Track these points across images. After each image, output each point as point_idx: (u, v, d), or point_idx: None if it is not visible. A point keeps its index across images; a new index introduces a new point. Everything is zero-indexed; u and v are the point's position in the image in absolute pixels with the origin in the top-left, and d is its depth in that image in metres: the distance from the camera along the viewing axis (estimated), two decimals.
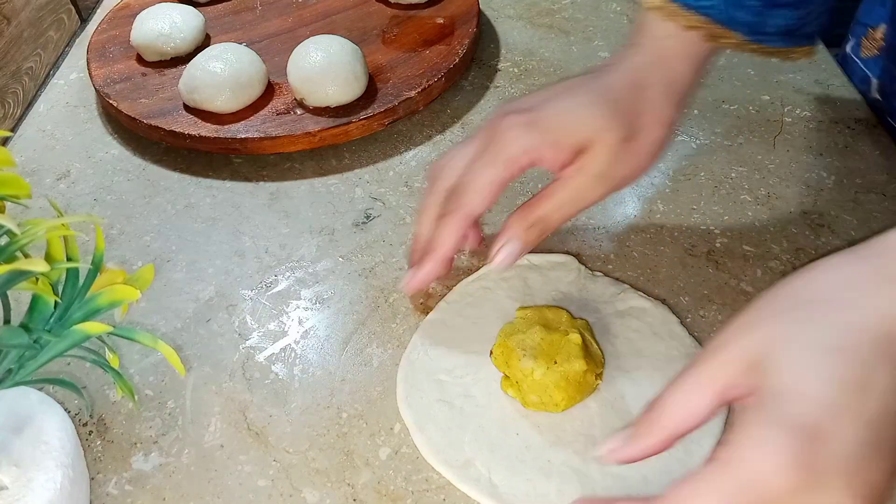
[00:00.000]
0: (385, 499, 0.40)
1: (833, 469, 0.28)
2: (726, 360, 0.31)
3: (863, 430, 0.28)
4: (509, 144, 0.41)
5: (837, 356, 0.29)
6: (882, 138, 0.59)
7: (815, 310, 0.31)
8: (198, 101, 0.61)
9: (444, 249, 0.43)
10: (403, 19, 0.72)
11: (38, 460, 0.37)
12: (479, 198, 0.42)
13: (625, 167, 0.42)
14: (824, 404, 0.29)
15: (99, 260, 0.35)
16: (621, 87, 0.43)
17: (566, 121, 0.42)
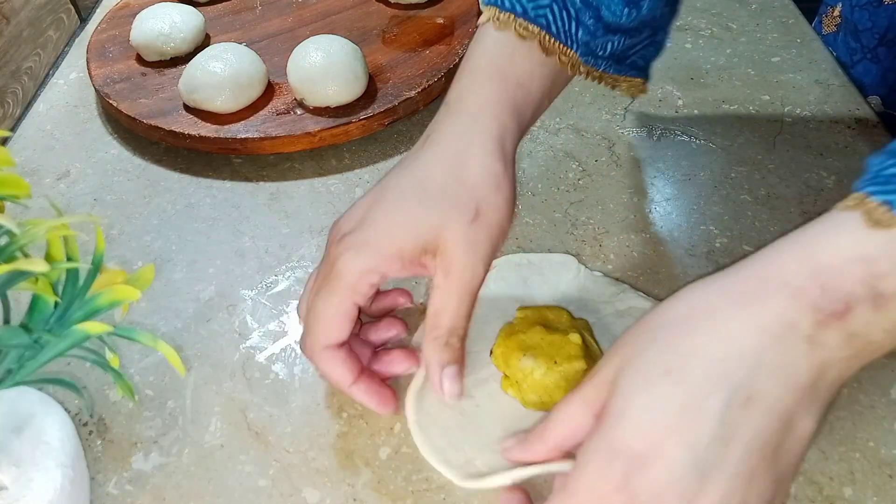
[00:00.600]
0: (385, 499, 0.40)
1: (655, 494, 0.29)
2: (598, 382, 0.33)
3: (688, 453, 0.29)
4: (345, 273, 0.39)
5: (668, 379, 0.30)
6: (882, 138, 0.59)
7: (664, 333, 0.32)
8: (198, 101, 0.61)
9: (342, 381, 0.41)
10: (403, 19, 0.72)
11: (38, 460, 0.36)
12: (330, 331, 0.40)
13: (487, 238, 0.39)
14: (649, 429, 0.29)
15: (99, 260, 0.35)
16: (442, 169, 0.40)
17: (400, 231, 0.39)
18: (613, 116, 0.63)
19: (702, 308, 0.31)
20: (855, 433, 0.41)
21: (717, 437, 0.29)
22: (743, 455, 0.29)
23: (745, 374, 0.29)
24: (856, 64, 0.66)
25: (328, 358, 0.41)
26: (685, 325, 0.31)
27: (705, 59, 0.68)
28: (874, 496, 0.39)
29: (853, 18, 0.65)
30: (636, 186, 0.57)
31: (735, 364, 0.29)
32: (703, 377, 0.29)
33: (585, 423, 0.33)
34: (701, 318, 0.31)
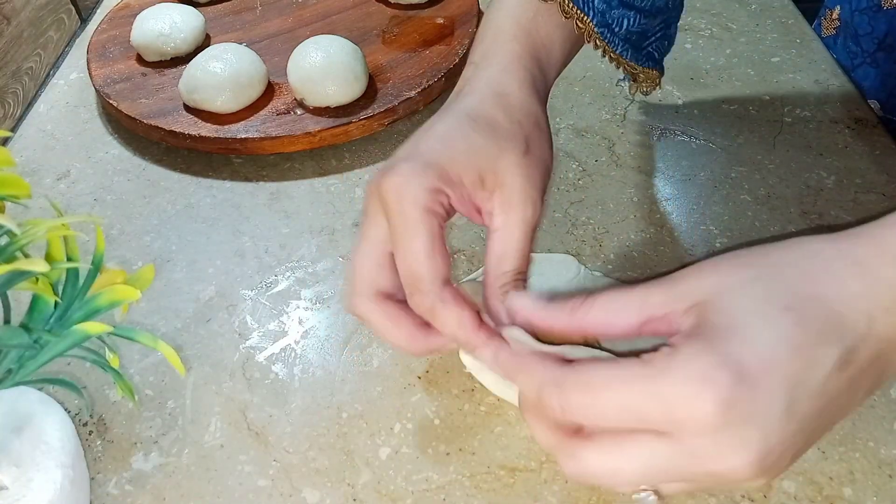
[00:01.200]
0: (385, 499, 0.40)
1: (748, 420, 0.28)
2: (668, 294, 0.31)
3: (788, 394, 0.28)
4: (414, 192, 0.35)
5: (792, 316, 0.29)
6: (882, 138, 0.59)
7: (780, 271, 0.30)
8: (198, 101, 0.61)
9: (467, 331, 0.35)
10: (403, 19, 0.72)
11: (38, 460, 0.37)
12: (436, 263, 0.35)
13: (539, 174, 0.38)
14: (767, 356, 0.28)
15: (99, 260, 0.35)
16: (489, 105, 0.39)
17: (459, 154, 0.37)
18: (613, 116, 0.63)
19: (819, 262, 0.30)
20: (855, 433, 0.41)
21: (814, 389, 0.28)
22: (818, 414, 0.29)
23: (854, 338, 0.29)
24: (855, 68, 0.66)
25: (446, 301, 0.35)
26: (804, 271, 0.30)
27: (705, 59, 0.68)
28: (874, 496, 0.39)
29: (853, 23, 0.65)
30: (636, 186, 0.57)
31: (850, 324, 0.29)
32: (822, 327, 0.29)
33: (627, 321, 0.31)
34: (818, 270, 0.30)
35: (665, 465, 0.28)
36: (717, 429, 0.27)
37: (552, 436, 0.31)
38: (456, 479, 0.41)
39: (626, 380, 0.28)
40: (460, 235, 0.54)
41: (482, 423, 0.43)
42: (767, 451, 0.28)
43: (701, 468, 0.28)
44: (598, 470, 0.29)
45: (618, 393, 0.28)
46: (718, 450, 0.28)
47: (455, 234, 0.54)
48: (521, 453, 0.41)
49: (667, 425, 0.28)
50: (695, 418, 0.27)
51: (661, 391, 0.28)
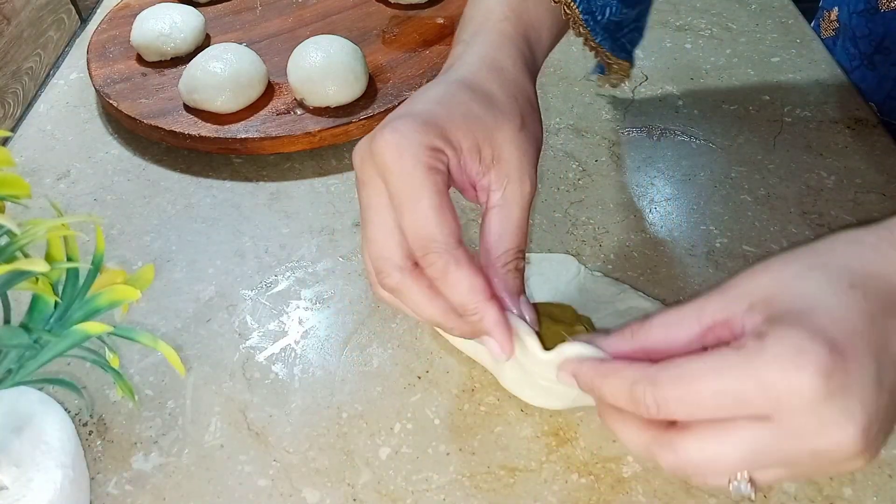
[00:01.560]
0: (385, 499, 0.40)
1: (847, 390, 0.27)
2: (725, 298, 0.31)
3: (875, 363, 0.28)
4: (414, 150, 0.33)
5: (858, 292, 0.29)
6: (882, 138, 0.59)
7: (829, 259, 0.30)
8: (198, 101, 0.61)
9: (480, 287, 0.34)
10: (403, 19, 0.72)
11: (38, 460, 0.37)
12: (445, 225, 0.33)
13: (533, 149, 0.38)
14: (849, 328, 0.28)
15: (99, 260, 0.35)
16: (486, 76, 0.38)
17: (457, 118, 0.35)
18: (613, 116, 0.63)
19: (865, 246, 0.31)
20: None
21: (892, 358, 0.28)
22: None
23: None
24: (853, 70, 0.66)
25: (458, 262, 0.33)
26: (855, 256, 0.30)
27: (705, 59, 0.68)
28: (874, 496, 0.39)
29: (851, 24, 0.65)
30: (636, 186, 0.57)
31: None
32: (886, 299, 0.29)
33: (689, 333, 0.31)
34: (868, 254, 0.30)
35: (767, 446, 0.28)
36: (819, 402, 0.27)
37: (644, 433, 0.30)
38: (456, 479, 0.41)
39: (721, 367, 0.28)
40: None
41: (482, 423, 0.43)
42: (869, 423, 0.27)
43: (805, 446, 0.28)
44: (699, 457, 0.29)
45: (714, 380, 0.28)
46: (822, 424, 0.27)
47: None
48: (521, 453, 0.41)
49: (767, 406, 0.28)
50: (796, 392, 0.27)
51: (758, 372, 0.27)
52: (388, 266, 0.34)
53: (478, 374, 0.45)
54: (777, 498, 0.39)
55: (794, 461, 0.28)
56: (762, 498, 0.39)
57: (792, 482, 0.39)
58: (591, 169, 0.58)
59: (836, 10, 0.69)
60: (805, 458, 0.28)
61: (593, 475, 0.40)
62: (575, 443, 0.42)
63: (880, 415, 0.28)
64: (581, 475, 0.40)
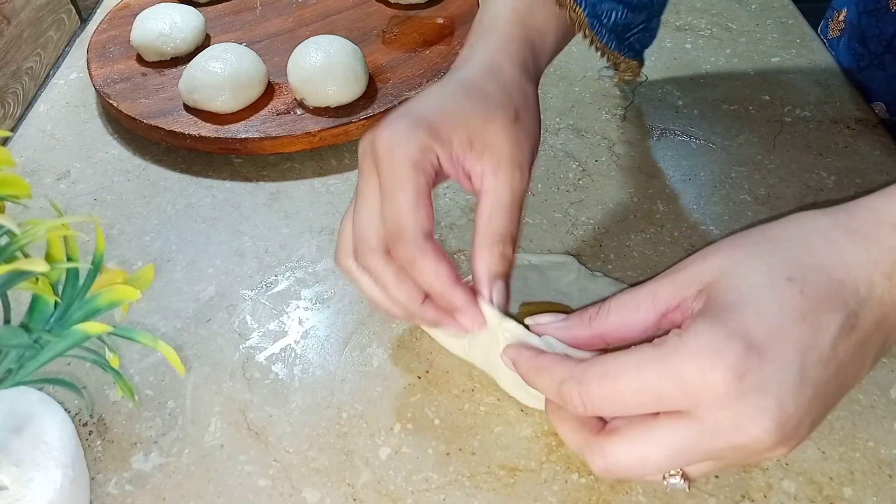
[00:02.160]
0: (385, 499, 0.40)
1: (762, 388, 0.28)
2: (677, 281, 0.32)
3: (799, 360, 0.28)
4: (403, 149, 0.36)
5: (794, 286, 0.29)
6: (882, 138, 0.59)
7: (781, 245, 0.31)
8: (198, 101, 0.61)
9: (447, 276, 0.36)
10: (403, 19, 0.72)
11: (38, 460, 0.37)
12: (419, 216, 0.36)
13: (528, 142, 0.39)
14: (773, 325, 0.29)
15: (99, 260, 0.35)
16: (482, 76, 0.40)
17: (450, 116, 0.38)
18: (613, 116, 0.63)
19: (817, 233, 0.31)
20: (855, 433, 0.41)
21: (824, 354, 0.29)
22: (832, 378, 0.29)
23: (857, 302, 0.30)
24: (861, 70, 0.66)
25: (424, 253, 0.36)
26: (804, 243, 0.31)
27: (705, 59, 0.68)
28: (874, 496, 0.39)
29: (860, 24, 0.65)
30: (636, 186, 0.57)
31: (851, 290, 0.30)
32: (824, 294, 0.29)
33: (644, 318, 0.32)
34: (818, 242, 0.31)
35: (690, 444, 0.29)
36: (732, 399, 0.28)
37: (578, 436, 0.32)
38: (456, 479, 0.41)
39: (641, 363, 0.29)
40: (460, 235, 0.54)
41: (482, 423, 0.43)
42: (785, 418, 0.28)
43: (724, 442, 0.29)
44: (627, 461, 0.30)
45: (634, 377, 0.29)
46: (738, 420, 0.28)
47: (455, 234, 0.54)
48: (521, 453, 0.41)
49: (685, 402, 0.29)
50: (710, 390, 0.28)
51: (675, 368, 0.28)
52: (365, 247, 0.38)
53: (478, 374, 0.45)
54: (777, 498, 0.39)
55: (718, 455, 0.30)
56: (762, 498, 0.39)
57: (722, 472, 0.40)
58: (591, 169, 0.58)
59: (845, 11, 0.69)
60: (727, 452, 0.29)
61: (593, 475, 0.40)
62: None
63: (802, 409, 0.29)
64: (581, 475, 0.40)
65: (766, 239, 0.31)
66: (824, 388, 0.29)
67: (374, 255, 0.38)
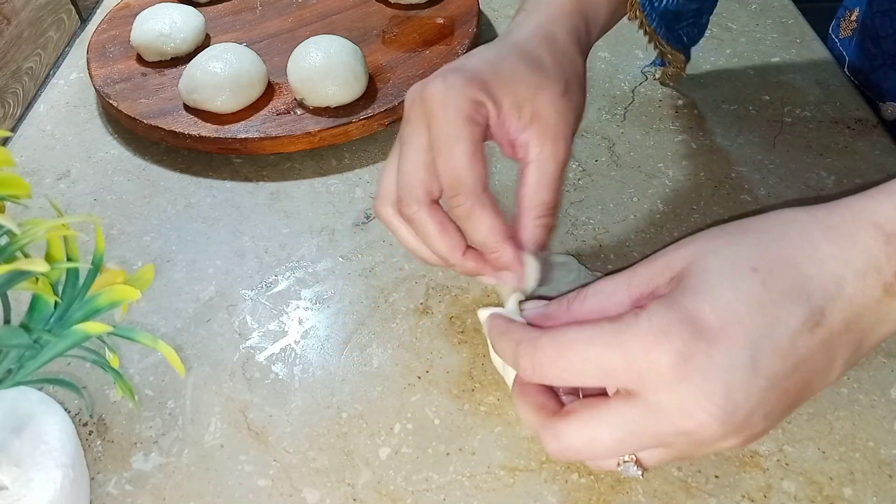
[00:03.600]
0: (385, 499, 0.40)
1: (708, 372, 0.28)
2: (651, 268, 0.32)
3: (751, 349, 0.28)
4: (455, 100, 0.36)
5: (757, 276, 0.29)
6: (882, 138, 0.59)
7: (755, 237, 0.31)
8: (198, 101, 0.61)
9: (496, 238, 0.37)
10: (403, 19, 0.72)
11: (38, 460, 0.37)
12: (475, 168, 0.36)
13: (574, 116, 0.40)
14: (726, 313, 0.29)
15: (99, 260, 0.35)
16: (538, 42, 0.40)
17: (503, 75, 0.38)
18: (613, 116, 0.63)
19: (794, 228, 0.31)
20: (855, 433, 0.41)
21: (780, 347, 0.29)
22: (791, 373, 0.29)
23: (824, 299, 0.29)
24: (875, 70, 0.65)
25: (483, 205, 0.37)
26: (778, 236, 0.31)
27: (705, 59, 0.68)
28: (874, 496, 0.39)
29: (874, 24, 0.65)
30: (636, 186, 0.57)
31: (818, 286, 0.29)
32: (789, 287, 0.29)
33: (619, 304, 0.32)
34: (793, 236, 0.31)
35: (637, 427, 0.29)
36: (677, 381, 0.28)
37: (535, 417, 0.32)
38: (456, 479, 0.41)
39: (593, 336, 0.30)
40: None
41: (482, 423, 0.43)
42: (734, 406, 0.28)
43: (671, 426, 0.29)
44: (578, 442, 0.30)
45: (585, 348, 0.30)
46: (682, 404, 0.28)
47: None
48: (521, 453, 0.41)
49: (630, 380, 0.29)
50: (654, 371, 0.28)
51: (624, 344, 0.29)
52: (410, 197, 0.38)
53: (478, 374, 0.45)
54: (777, 498, 0.39)
55: (667, 442, 0.30)
56: (762, 498, 0.39)
57: (678, 463, 0.40)
58: (591, 169, 0.58)
59: (858, 10, 0.69)
60: (676, 438, 0.29)
61: (593, 475, 0.40)
62: None
63: (753, 399, 0.28)
64: (581, 475, 0.40)
65: (742, 230, 0.32)
66: (781, 382, 0.29)
67: (419, 206, 0.38)
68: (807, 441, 0.41)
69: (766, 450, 0.41)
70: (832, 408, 0.42)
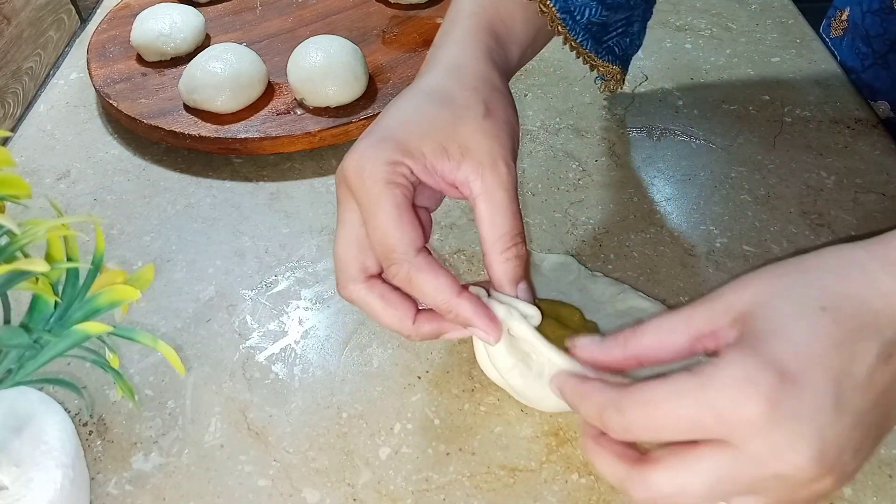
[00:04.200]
0: (385, 499, 0.40)
1: (798, 415, 0.28)
2: (712, 309, 0.32)
3: (834, 388, 0.28)
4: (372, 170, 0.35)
5: (828, 315, 0.30)
6: (882, 138, 0.59)
7: (815, 275, 0.31)
8: (198, 101, 0.61)
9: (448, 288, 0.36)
10: (403, 19, 0.72)
11: (38, 460, 0.37)
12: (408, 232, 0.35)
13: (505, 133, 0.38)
14: (806, 354, 0.29)
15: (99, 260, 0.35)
16: (442, 79, 0.39)
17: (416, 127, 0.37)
18: (613, 116, 0.63)
19: (852, 264, 0.31)
20: None
21: (860, 383, 0.29)
22: (873, 407, 0.29)
23: (894, 332, 0.29)
24: (865, 69, 0.66)
25: (420, 269, 0.35)
26: (838, 273, 0.31)
27: (705, 59, 0.68)
28: (874, 496, 0.39)
29: (864, 24, 0.65)
30: (636, 186, 0.57)
31: (886, 319, 0.30)
32: (859, 324, 0.29)
33: (678, 343, 0.32)
34: (854, 272, 0.31)
35: (729, 474, 0.29)
36: (769, 429, 0.28)
37: (620, 468, 0.32)
38: (456, 479, 0.41)
39: (679, 392, 0.29)
40: (460, 235, 0.54)
41: (482, 423, 0.43)
42: (825, 446, 0.28)
43: (765, 471, 0.29)
44: (668, 489, 0.30)
45: (672, 406, 0.29)
46: (775, 449, 0.28)
47: (455, 234, 0.54)
48: (521, 453, 0.41)
49: (722, 432, 0.29)
50: (745, 420, 0.28)
51: (710, 397, 0.29)
52: (346, 278, 0.38)
53: (478, 374, 0.45)
54: None
55: (760, 487, 0.29)
56: None
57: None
58: (591, 169, 0.58)
59: (848, 10, 0.69)
60: (770, 483, 0.29)
61: (593, 475, 0.40)
62: (575, 443, 0.42)
63: (842, 436, 0.28)
64: (581, 475, 0.40)
65: (801, 270, 0.32)
66: (864, 417, 0.29)
67: (356, 285, 0.38)
68: None
69: None
70: None
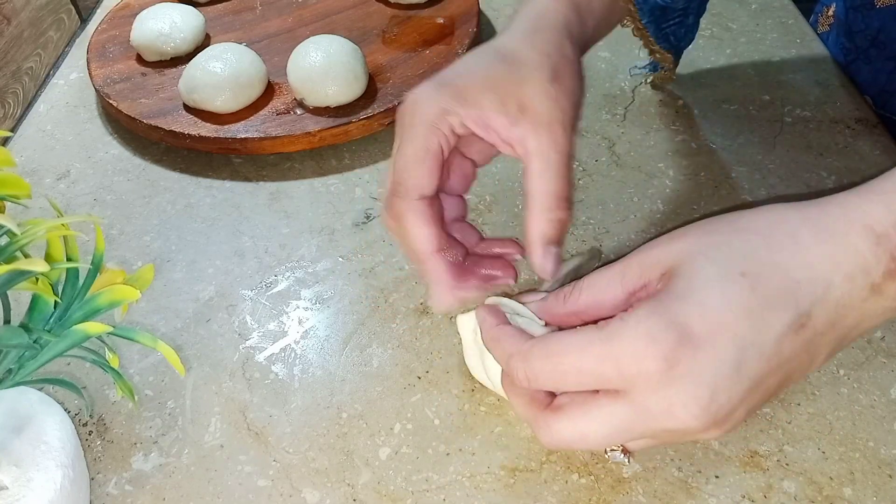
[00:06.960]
0: (385, 499, 0.40)
1: (694, 377, 0.29)
2: (644, 263, 0.33)
3: (736, 354, 0.29)
4: (423, 110, 0.37)
5: (746, 282, 0.30)
6: (882, 138, 0.59)
7: (743, 237, 0.31)
8: (198, 101, 0.61)
9: (425, 243, 0.37)
10: (403, 19, 0.72)
11: (38, 460, 0.37)
12: (415, 175, 0.37)
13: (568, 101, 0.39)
14: (714, 320, 0.29)
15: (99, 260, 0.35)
16: (516, 42, 0.40)
17: (480, 80, 0.38)
18: (613, 116, 0.63)
19: (784, 229, 0.31)
20: (855, 433, 0.41)
21: (766, 351, 0.30)
22: (774, 372, 0.30)
23: (811, 303, 0.30)
24: (849, 64, 0.67)
25: (412, 211, 0.37)
26: (766, 238, 0.31)
27: (705, 59, 0.68)
28: (874, 496, 0.39)
29: (847, 19, 0.66)
30: (636, 186, 0.57)
31: (806, 290, 0.30)
32: (776, 292, 0.30)
33: (614, 297, 0.33)
34: (783, 238, 0.31)
35: (625, 424, 0.31)
36: (664, 386, 0.29)
37: (528, 410, 0.33)
38: (456, 479, 0.41)
39: (583, 344, 0.31)
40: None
41: (482, 423, 0.43)
42: (717, 407, 0.29)
43: (656, 424, 0.30)
44: (569, 436, 0.32)
45: (575, 358, 0.31)
46: (668, 407, 0.29)
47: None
48: (521, 453, 0.41)
49: (621, 384, 0.30)
50: (643, 376, 0.29)
51: (613, 351, 0.30)
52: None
53: None
54: (777, 498, 0.39)
55: (653, 434, 0.31)
56: (762, 498, 0.39)
57: (661, 447, 0.41)
58: (591, 169, 0.58)
59: (834, 6, 0.70)
60: (661, 432, 0.31)
61: (593, 475, 0.40)
62: None
63: (735, 399, 0.30)
64: (581, 475, 0.40)
65: (732, 229, 0.32)
66: (763, 381, 0.30)
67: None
68: (807, 441, 0.41)
69: (767, 450, 0.41)
70: (832, 408, 0.42)
